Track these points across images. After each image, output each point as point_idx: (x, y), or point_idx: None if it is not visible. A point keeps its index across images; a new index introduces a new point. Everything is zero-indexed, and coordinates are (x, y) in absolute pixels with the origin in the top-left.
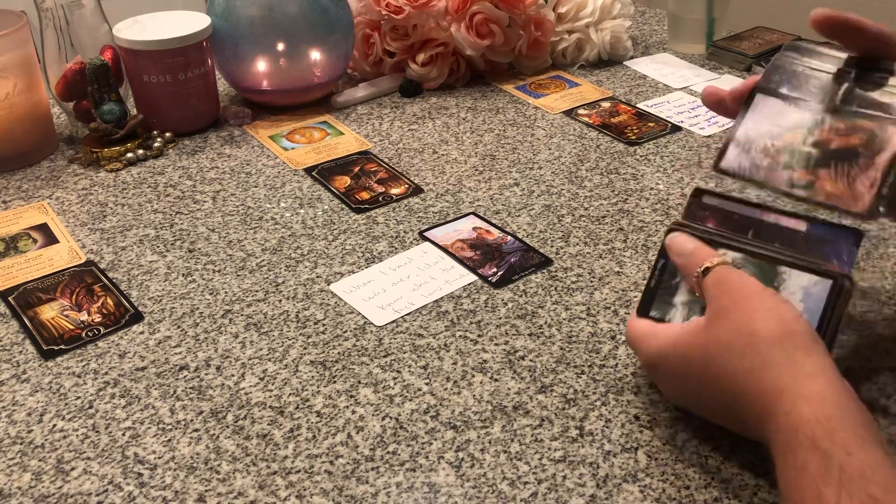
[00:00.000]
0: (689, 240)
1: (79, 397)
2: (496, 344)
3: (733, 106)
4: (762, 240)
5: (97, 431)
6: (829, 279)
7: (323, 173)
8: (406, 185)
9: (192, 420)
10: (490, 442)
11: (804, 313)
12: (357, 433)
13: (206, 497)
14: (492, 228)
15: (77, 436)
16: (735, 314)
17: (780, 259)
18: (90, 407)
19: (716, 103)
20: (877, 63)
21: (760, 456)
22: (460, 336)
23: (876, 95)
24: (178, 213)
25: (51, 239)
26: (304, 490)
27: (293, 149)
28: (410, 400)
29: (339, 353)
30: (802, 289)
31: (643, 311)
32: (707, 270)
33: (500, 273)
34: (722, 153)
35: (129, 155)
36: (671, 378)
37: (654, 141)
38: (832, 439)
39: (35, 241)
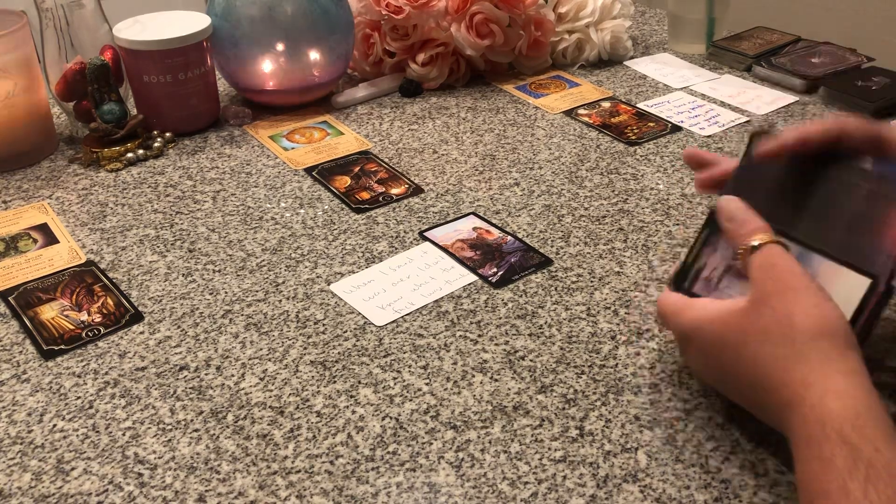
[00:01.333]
0: (742, 207)
1: (79, 397)
2: (496, 344)
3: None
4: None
5: (97, 431)
6: (868, 278)
7: (323, 173)
8: (406, 185)
9: (192, 420)
10: (490, 442)
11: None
12: (357, 433)
13: (206, 497)
14: (492, 228)
15: (77, 436)
16: (777, 303)
17: (824, 252)
18: (90, 407)
19: (697, 164)
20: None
21: (760, 456)
22: (460, 336)
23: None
24: (178, 213)
25: (51, 239)
26: (305, 490)
27: (293, 149)
28: (410, 400)
29: (339, 353)
30: (840, 283)
31: (677, 284)
32: (755, 248)
33: (500, 273)
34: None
35: (129, 155)
36: (701, 354)
37: (654, 141)
38: (861, 435)
39: (35, 241)
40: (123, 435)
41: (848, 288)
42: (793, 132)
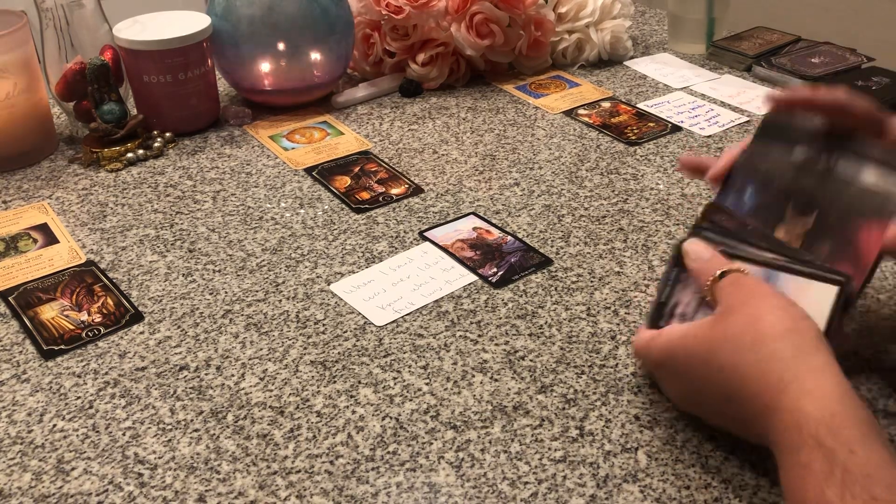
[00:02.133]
0: (706, 248)
1: (79, 397)
2: (496, 344)
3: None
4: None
5: (97, 431)
6: (836, 286)
7: (323, 173)
8: (406, 185)
9: (192, 420)
10: (490, 442)
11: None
12: (357, 433)
13: (206, 497)
14: (492, 228)
15: (77, 436)
16: (745, 309)
17: (789, 268)
18: (90, 407)
19: (693, 171)
20: (848, 137)
21: (760, 456)
22: (460, 336)
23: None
24: (179, 213)
25: (51, 239)
26: (305, 490)
27: (293, 149)
28: (410, 400)
29: (339, 353)
30: (809, 297)
31: (654, 323)
32: (724, 274)
33: (500, 273)
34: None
35: (130, 155)
36: (676, 376)
37: (654, 141)
38: (836, 438)
39: (35, 241)
40: (123, 435)
41: (818, 299)
42: (804, 90)
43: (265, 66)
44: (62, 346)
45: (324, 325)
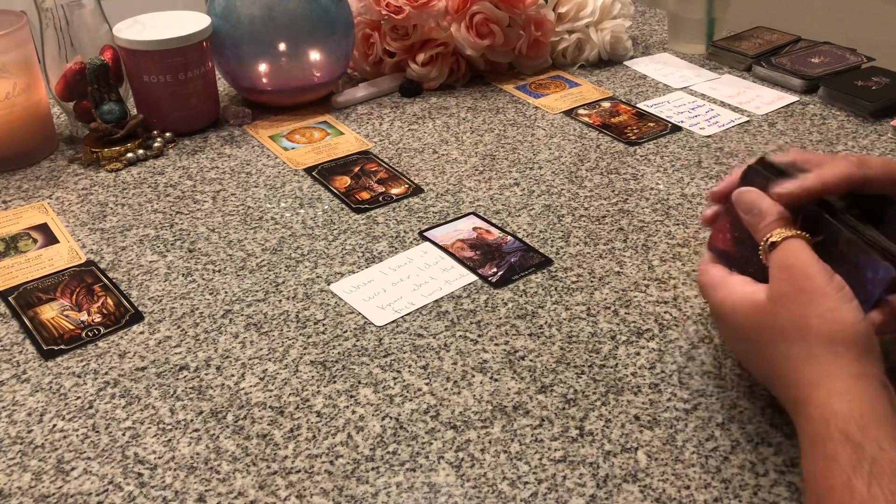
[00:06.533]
0: (758, 197)
1: (79, 397)
2: (496, 344)
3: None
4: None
5: (97, 431)
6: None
7: (323, 173)
8: (406, 185)
9: (192, 420)
10: (490, 442)
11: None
12: (357, 433)
13: (206, 497)
14: (492, 228)
15: (77, 436)
16: (794, 305)
17: (851, 239)
18: (90, 407)
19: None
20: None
21: (761, 456)
22: (460, 336)
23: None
24: (178, 213)
25: (51, 239)
26: (304, 490)
27: (293, 149)
28: (410, 400)
29: (339, 353)
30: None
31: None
32: (774, 245)
33: (500, 273)
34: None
35: (129, 155)
36: (728, 334)
37: (654, 141)
38: (864, 434)
39: (35, 241)
40: (123, 435)
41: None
42: (814, 177)
43: (265, 66)
44: (62, 346)
45: (324, 325)
